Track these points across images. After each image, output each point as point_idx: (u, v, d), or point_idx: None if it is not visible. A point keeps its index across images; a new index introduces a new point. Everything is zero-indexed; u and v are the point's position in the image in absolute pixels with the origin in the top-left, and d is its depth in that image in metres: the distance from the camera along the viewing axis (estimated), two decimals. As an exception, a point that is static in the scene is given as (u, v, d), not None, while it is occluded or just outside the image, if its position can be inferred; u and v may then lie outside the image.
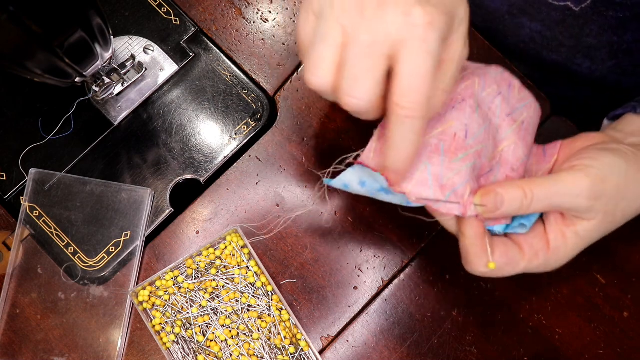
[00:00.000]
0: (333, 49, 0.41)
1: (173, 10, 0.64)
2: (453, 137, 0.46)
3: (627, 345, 0.59)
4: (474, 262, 0.46)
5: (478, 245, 0.46)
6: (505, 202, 0.44)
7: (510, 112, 0.48)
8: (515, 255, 0.46)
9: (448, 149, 0.46)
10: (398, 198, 0.46)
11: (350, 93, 0.41)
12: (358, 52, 0.40)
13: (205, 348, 0.58)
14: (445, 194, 0.45)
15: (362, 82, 0.40)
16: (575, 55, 0.66)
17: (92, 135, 0.62)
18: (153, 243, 0.61)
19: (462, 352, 0.59)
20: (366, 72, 0.40)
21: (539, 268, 0.47)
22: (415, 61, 0.40)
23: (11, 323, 0.59)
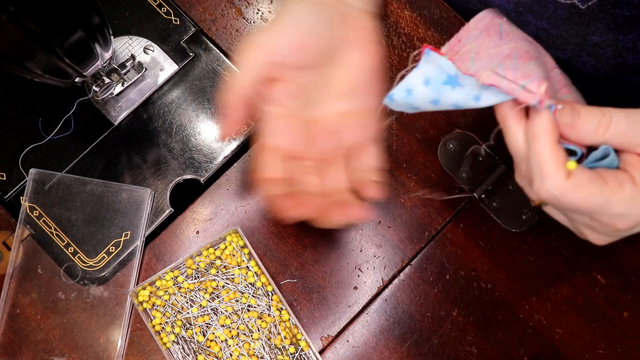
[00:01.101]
0: None
1: (173, 10, 0.64)
2: (525, 52, 0.43)
3: (627, 345, 0.59)
4: (550, 169, 0.39)
5: (554, 149, 0.39)
6: (582, 114, 0.40)
7: (567, 84, 0.46)
8: (597, 178, 0.40)
9: (521, 57, 0.43)
10: (465, 92, 0.42)
11: None
12: None
13: (205, 348, 0.58)
14: (521, 82, 0.41)
15: None
16: (580, 54, 0.66)
17: (92, 135, 0.62)
18: (153, 243, 0.61)
19: (462, 352, 0.59)
20: None
21: (624, 204, 0.40)
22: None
23: (11, 323, 0.59)
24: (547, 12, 0.63)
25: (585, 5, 0.60)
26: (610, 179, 0.40)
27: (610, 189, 0.40)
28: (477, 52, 0.43)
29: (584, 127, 0.40)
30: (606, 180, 0.40)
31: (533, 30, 0.66)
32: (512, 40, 0.44)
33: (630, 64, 0.64)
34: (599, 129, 0.40)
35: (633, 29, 0.60)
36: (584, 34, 0.63)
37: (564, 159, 0.40)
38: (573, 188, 0.39)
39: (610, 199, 0.40)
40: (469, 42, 0.45)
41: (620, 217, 0.41)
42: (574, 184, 0.39)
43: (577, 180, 0.39)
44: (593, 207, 0.40)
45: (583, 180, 0.39)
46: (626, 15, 0.59)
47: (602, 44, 0.63)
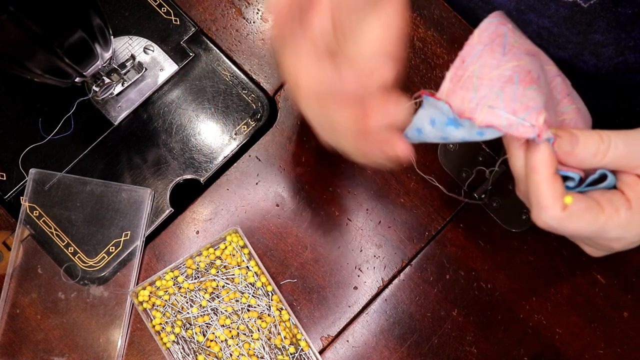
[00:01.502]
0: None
1: (173, 10, 0.64)
2: (527, 72, 0.44)
3: (627, 345, 0.59)
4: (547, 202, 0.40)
5: (551, 181, 0.40)
6: (581, 141, 0.40)
7: (569, 93, 0.47)
8: (593, 206, 0.41)
9: (522, 80, 0.43)
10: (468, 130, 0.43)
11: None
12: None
13: (205, 348, 0.58)
14: (519, 117, 0.41)
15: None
16: (582, 52, 0.66)
17: (92, 135, 0.62)
18: (153, 243, 0.61)
19: (462, 352, 0.59)
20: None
21: (619, 229, 0.41)
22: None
23: (11, 323, 0.59)
24: (549, 11, 0.63)
25: (587, 4, 0.60)
26: (606, 204, 0.41)
27: (607, 215, 0.40)
28: (480, 76, 0.44)
29: (583, 154, 0.41)
30: (602, 206, 0.41)
31: (535, 29, 0.66)
32: (515, 57, 0.45)
33: (632, 62, 0.64)
34: (598, 155, 0.40)
35: (635, 27, 0.60)
36: (585, 32, 0.63)
37: (561, 191, 0.41)
38: (569, 219, 0.40)
39: (606, 225, 0.40)
40: (473, 63, 0.45)
41: (616, 239, 0.42)
42: (570, 214, 0.40)
43: (573, 211, 0.40)
44: (589, 233, 0.41)
45: (579, 211, 0.40)
46: (628, 13, 0.59)
47: (604, 43, 0.63)
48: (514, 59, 0.45)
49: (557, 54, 0.67)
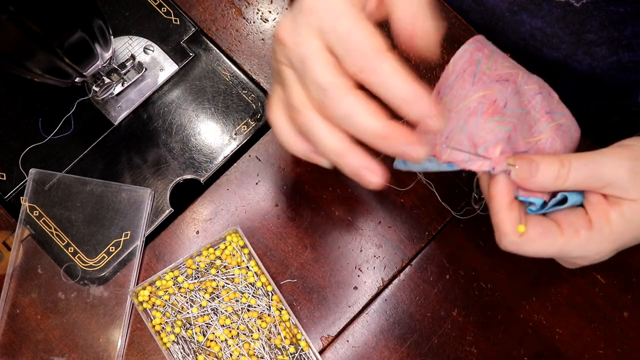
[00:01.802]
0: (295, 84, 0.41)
1: (173, 10, 0.64)
2: (492, 102, 0.46)
3: (627, 345, 0.59)
4: (505, 229, 0.42)
5: (508, 210, 0.43)
6: (541, 169, 0.42)
7: (550, 111, 0.48)
8: (552, 228, 0.43)
9: (486, 111, 0.46)
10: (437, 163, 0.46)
11: (322, 94, 0.39)
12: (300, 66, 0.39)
13: (205, 348, 0.58)
14: (478, 150, 0.44)
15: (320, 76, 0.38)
16: (576, 52, 0.66)
17: (92, 135, 0.62)
18: (153, 243, 0.61)
19: (462, 352, 0.59)
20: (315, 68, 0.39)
21: (579, 249, 0.43)
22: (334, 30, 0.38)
23: (11, 323, 0.59)
24: (542, 11, 0.63)
25: (579, 3, 0.60)
26: (566, 226, 0.43)
27: (565, 237, 0.42)
28: (450, 108, 0.47)
29: (544, 179, 0.42)
30: (562, 228, 0.43)
31: (528, 30, 0.66)
32: (484, 86, 0.47)
33: (626, 61, 0.64)
34: (559, 179, 0.42)
35: (628, 26, 0.60)
36: (579, 32, 0.63)
37: (517, 218, 0.43)
38: (526, 244, 0.43)
39: (565, 247, 0.42)
40: (445, 94, 0.48)
41: (579, 258, 0.44)
42: (526, 240, 0.42)
43: (529, 236, 0.42)
44: (549, 254, 0.43)
45: (535, 236, 0.42)
46: (621, 12, 0.59)
47: (598, 42, 0.63)
48: (481, 88, 0.47)
49: (551, 54, 0.68)
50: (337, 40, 0.38)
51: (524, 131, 0.47)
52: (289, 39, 0.40)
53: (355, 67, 0.38)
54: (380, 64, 0.37)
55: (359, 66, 0.37)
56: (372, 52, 0.37)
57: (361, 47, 0.37)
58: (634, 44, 0.62)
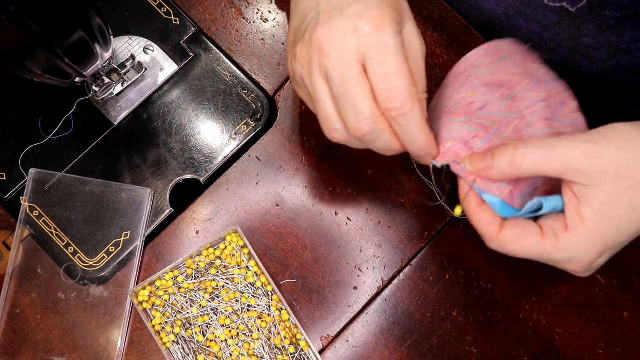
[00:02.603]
0: (328, 98, 0.44)
1: (173, 10, 0.64)
2: (468, 104, 0.49)
3: (627, 345, 0.59)
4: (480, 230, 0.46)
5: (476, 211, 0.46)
6: (496, 155, 0.43)
7: (551, 118, 0.49)
8: (533, 231, 0.44)
9: (457, 111, 0.49)
10: None
11: (354, 118, 0.43)
12: (339, 85, 0.42)
13: (205, 348, 0.58)
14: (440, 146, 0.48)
15: (358, 102, 0.42)
16: (574, 56, 0.66)
17: (92, 135, 0.62)
18: (153, 243, 0.61)
19: (462, 352, 0.59)
20: (356, 93, 0.42)
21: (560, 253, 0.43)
22: (380, 65, 0.42)
23: (11, 323, 0.59)
24: (538, 16, 0.63)
25: (575, 8, 0.60)
26: (546, 229, 0.44)
27: (545, 240, 0.43)
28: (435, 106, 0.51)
29: (501, 164, 0.43)
30: (544, 231, 0.44)
31: (525, 34, 0.66)
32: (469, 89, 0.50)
33: (625, 64, 0.64)
34: (515, 161, 0.43)
35: (626, 31, 0.60)
36: (576, 36, 0.63)
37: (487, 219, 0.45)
38: (507, 243, 0.45)
39: (546, 249, 0.44)
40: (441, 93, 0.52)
41: (567, 261, 0.44)
42: (506, 239, 0.44)
43: (509, 237, 0.44)
44: (535, 256, 0.45)
45: (515, 236, 0.44)
46: (617, 16, 0.59)
47: (596, 46, 0.63)
48: (466, 90, 0.50)
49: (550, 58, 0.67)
50: (382, 75, 0.42)
51: (505, 133, 0.48)
52: (333, 53, 0.43)
53: (389, 104, 0.42)
54: (411, 110, 0.42)
55: (394, 106, 0.42)
56: (408, 97, 0.42)
57: (402, 91, 0.42)
58: (633, 48, 0.62)
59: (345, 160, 0.62)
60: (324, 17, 0.44)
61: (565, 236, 0.43)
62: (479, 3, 0.66)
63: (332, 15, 0.43)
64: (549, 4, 0.61)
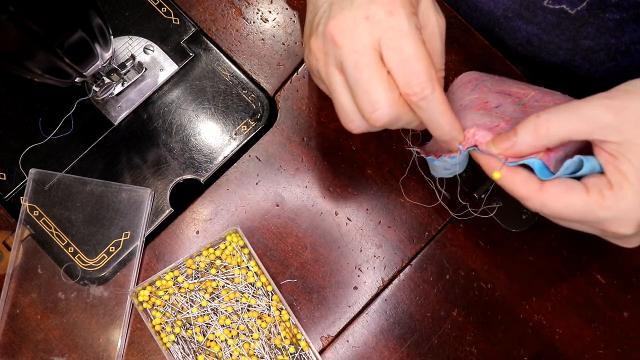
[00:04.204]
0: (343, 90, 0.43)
1: (173, 10, 0.64)
2: (483, 102, 0.49)
3: (627, 345, 0.59)
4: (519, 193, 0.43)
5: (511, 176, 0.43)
6: (518, 130, 0.42)
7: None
8: (576, 186, 0.42)
9: (474, 107, 0.49)
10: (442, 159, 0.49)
11: (372, 108, 0.42)
12: (354, 73, 0.42)
13: (205, 348, 0.58)
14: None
15: (373, 91, 0.42)
16: (574, 58, 0.66)
17: (92, 135, 0.62)
18: (153, 243, 0.61)
19: (462, 352, 0.59)
20: (370, 82, 0.42)
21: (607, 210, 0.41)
22: (395, 50, 0.41)
23: (11, 323, 0.59)
24: (537, 18, 0.63)
25: (574, 10, 0.60)
26: (591, 186, 0.42)
27: (591, 197, 0.41)
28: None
29: (525, 138, 0.42)
30: (588, 188, 0.42)
31: (524, 36, 0.66)
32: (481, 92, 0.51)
33: (625, 66, 0.64)
34: (538, 130, 0.42)
35: (625, 33, 0.60)
36: (575, 38, 0.63)
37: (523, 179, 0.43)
38: (550, 200, 0.42)
39: (591, 206, 0.41)
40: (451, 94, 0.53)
41: (615, 221, 0.42)
42: (550, 197, 0.42)
43: (552, 193, 0.42)
44: (579, 215, 0.42)
45: (559, 193, 0.42)
46: (616, 18, 0.59)
47: (595, 48, 0.63)
48: (478, 93, 0.51)
49: (549, 59, 0.68)
50: (398, 60, 0.41)
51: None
52: (346, 43, 0.42)
53: (409, 88, 0.41)
54: (432, 93, 0.41)
55: (413, 90, 0.41)
56: (428, 80, 0.41)
57: (420, 75, 0.41)
58: (633, 50, 0.62)
59: (345, 160, 0.62)
60: (336, 8, 0.43)
61: (611, 193, 0.41)
62: (478, 5, 0.66)
63: (344, 5, 0.43)
64: (548, 5, 0.61)
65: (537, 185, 0.43)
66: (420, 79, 0.41)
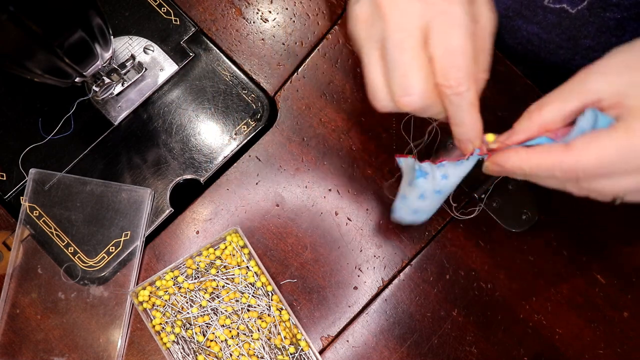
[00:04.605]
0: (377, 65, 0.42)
1: (173, 10, 0.64)
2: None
3: (627, 345, 0.59)
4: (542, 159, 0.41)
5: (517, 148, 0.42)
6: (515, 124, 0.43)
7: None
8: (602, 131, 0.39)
9: None
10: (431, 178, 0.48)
11: (404, 92, 0.41)
12: (395, 53, 0.40)
13: (205, 348, 0.58)
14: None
15: (409, 75, 0.40)
16: (574, 57, 0.66)
17: (92, 135, 0.62)
18: (153, 243, 0.61)
19: (462, 352, 0.59)
20: (409, 66, 0.40)
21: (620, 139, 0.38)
22: (444, 37, 0.39)
23: (11, 323, 0.59)
24: (537, 17, 0.63)
25: (575, 10, 0.60)
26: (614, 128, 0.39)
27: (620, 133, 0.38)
28: None
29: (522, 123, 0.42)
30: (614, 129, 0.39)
31: (524, 35, 0.66)
32: None
33: None
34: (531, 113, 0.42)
35: (626, 32, 0.60)
36: (575, 37, 0.63)
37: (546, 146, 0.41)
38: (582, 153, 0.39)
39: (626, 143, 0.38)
40: None
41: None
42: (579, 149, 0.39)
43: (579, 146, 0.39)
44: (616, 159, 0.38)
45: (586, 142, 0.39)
46: (617, 18, 0.59)
47: (595, 48, 0.63)
48: None
49: (550, 58, 0.67)
50: (443, 49, 0.39)
51: None
52: (395, 18, 0.40)
53: (445, 80, 0.40)
54: (467, 91, 0.40)
55: (449, 83, 0.40)
56: (466, 77, 0.40)
57: (461, 69, 0.39)
58: None
59: (345, 160, 0.62)
60: None
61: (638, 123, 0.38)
62: None
63: None
64: (548, 5, 0.61)
65: (562, 147, 0.40)
66: (459, 75, 0.40)
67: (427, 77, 0.40)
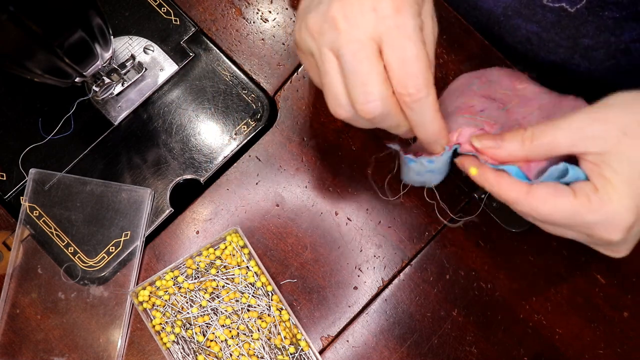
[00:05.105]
0: (336, 74, 0.43)
1: (173, 10, 0.64)
2: (469, 106, 0.51)
3: (627, 345, 0.59)
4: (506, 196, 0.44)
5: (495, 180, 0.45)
6: (506, 137, 0.44)
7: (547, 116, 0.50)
8: (565, 190, 0.42)
9: (459, 110, 0.50)
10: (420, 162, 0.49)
11: (363, 99, 0.42)
12: (352, 62, 0.41)
13: (205, 348, 0.58)
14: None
15: (369, 83, 0.41)
16: (573, 56, 0.66)
17: (92, 135, 0.62)
18: (153, 243, 0.61)
19: (462, 352, 0.59)
20: (367, 74, 0.41)
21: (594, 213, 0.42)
22: (399, 49, 0.41)
23: (11, 323, 0.59)
24: (536, 16, 0.63)
25: (574, 9, 0.60)
26: (578, 190, 0.42)
27: (578, 200, 0.42)
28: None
29: (511, 145, 0.44)
30: (575, 192, 0.42)
31: (524, 34, 0.66)
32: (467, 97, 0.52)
33: (624, 65, 0.64)
34: (525, 142, 0.43)
35: (625, 31, 0.60)
36: (575, 36, 0.63)
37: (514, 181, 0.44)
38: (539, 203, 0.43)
39: (580, 210, 0.42)
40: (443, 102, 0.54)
41: (602, 225, 0.42)
42: (538, 199, 0.43)
43: (540, 195, 0.43)
44: (567, 218, 0.43)
45: (546, 195, 0.43)
46: (616, 17, 0.59)
47: (594, 47, 0.63)
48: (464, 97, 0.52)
49: (549, 57, 0.68)
50: (399, 60, 0.41)
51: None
52: (348, 30, 0.41)
53: (404, 89, 0.41)
54: (426, 97, 0.42)
55: (408, 92, 0.41)
56: (425, 84, 0.41)
57: (418, 77, 0.41)
58: (632, 49, 0.62)
59: (345, 160, 0.62)
60: None
61: (597, 196, 0.41)
62: (478, 3, 0.66)
63: None
64: (547, 4, 0.61)
65: (525, 188, 0.43)
66: (418, 82, 0.41)
67: (386, 84, 0.42)
